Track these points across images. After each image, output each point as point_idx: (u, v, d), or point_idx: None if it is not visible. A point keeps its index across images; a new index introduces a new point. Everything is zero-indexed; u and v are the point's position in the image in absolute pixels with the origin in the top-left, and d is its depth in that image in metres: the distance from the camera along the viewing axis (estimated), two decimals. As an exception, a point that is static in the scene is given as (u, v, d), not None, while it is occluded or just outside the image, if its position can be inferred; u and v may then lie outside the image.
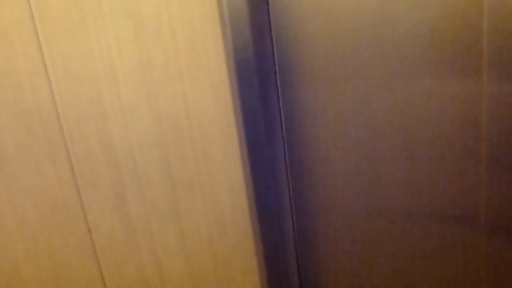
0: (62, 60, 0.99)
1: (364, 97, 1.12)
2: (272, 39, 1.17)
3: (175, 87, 1.12)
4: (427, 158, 1.10)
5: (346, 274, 1.33)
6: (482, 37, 0.96)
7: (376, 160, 1.16)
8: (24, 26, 0.95)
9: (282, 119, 1.24)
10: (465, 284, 1.18)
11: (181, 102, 1.13)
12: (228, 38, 1.12)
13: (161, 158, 1.14)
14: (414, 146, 1.11)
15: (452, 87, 1.03)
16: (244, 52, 1.12)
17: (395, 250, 1.23)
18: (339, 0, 1.07)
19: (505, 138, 1.00)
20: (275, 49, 1.18)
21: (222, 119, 1.17)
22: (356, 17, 1.06)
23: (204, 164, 1.19)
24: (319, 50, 1.13)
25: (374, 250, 1.26)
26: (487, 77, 0.98)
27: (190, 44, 1.10)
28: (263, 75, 1.18)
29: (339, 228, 1.28)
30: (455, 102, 1.04)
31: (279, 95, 1.22)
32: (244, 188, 1.24)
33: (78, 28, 0.99)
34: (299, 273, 1.41)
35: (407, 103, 1.08)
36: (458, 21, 0.97)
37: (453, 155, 1.08)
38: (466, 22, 0.97)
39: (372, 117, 1.13)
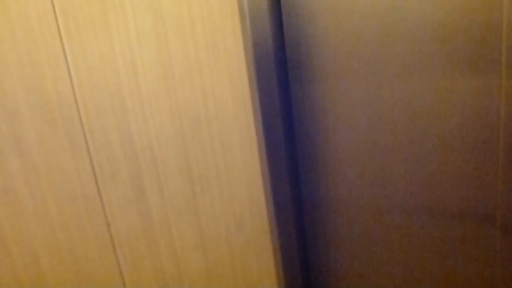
0: (82, 53, 0.99)
1: (376, 93, 1.11)
2: (283, 35, 1.17)
3: (194, 80, 1.11)
4: (442, 154, 1.10)
5: (361, 268, 1.33)
6: (501, 33, 0.95)
7: (389, 156, 1.16)
8: (45, 19, 0.94)
9: (294, 114, 1.23)
10: (480, 281, 1.17)
11: (200, 96, 1.13)
12: (247, 32, 1.11)
13: (180, 152, 1.14)
14: (428, 142, 1.10)
15: (469, 83, 1.02)
16: (263, 46, 1.12)
17: (410, 246, 1.22)
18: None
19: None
20: (286, 45, 1.17)
21: (241, 114, 1.17)
22: (367, 13, 1.06)
23: (222, 158, 1.19)
24: (329, 45, 1.13)
25: (390, 246, 1.25)
26: (506, 73, 0.97)
27: (210, 38, 1.10)
28: (282, 69, 1.17)
29: (354, 223, 1.27)
30: (471, 99, 1.03)
31: (290, 90, 1.21)
32: (262, 183, 1.23)
33: (99, 21, 0.99)
34: (315, 268, 1.41)
35: (420, 99, 1.07)
36: (476, 16, 0.96)
37: (469, 152, 1.07)
38: (484, 17, 0.96)
39: (384, 113, 1.12)
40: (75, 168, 1.03)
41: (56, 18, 0.95)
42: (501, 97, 0.99)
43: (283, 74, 1.18)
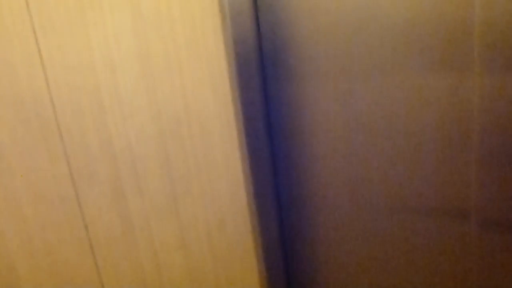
0: (58, 52, 0.97)
1: (351, 91, 1.12)
2: (260, 34, 1.16)
3: (174, 80, 1.10)
4: (417, 151, 1.11)
5: (343, 266, 1.33)
6: (474, 30, 0.96)
7: (365, 154, 1.16)
8: (19, 17, 0.92)
9: (273, 113, 1.23)
10: (456, 276, 1.19)
11: (180, 95, 1.11)
12: (228, 30, 1.10)
13: (160, 152, 1.12)
14: (403, 139, 1.11)
15: (442, 81, 1.03)
16: (244, 45, 1.11)
17: (388, 242, 1.23)
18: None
19: (496, 132, 1.01)
20: (262, 44, 1.17)
21: (222, 113, 1.15)
22: (342, 11, 1.06)
23: (203, 158, 1.17)
24: (305, 45, 1.12)
25: (369, 244, 1.26)
26: (478, 71, 0.99)
27: (190, 36, 1.08)
28: (262, 68, 1.17)
29: (334, 221, 1.28)
30: (445, 96, 1.04)
31: (268, 89, 1.21)
32: (243, 183, 1.23)
33: (76, 19, 0.97)
34: (298, 267, 1.41)
35: (394, 97, 1.08)
36: (449, 14, 0.97)
37: (443, 148, 1.08)
38: (457, 15, 0.97)
39: (359, 111, 1.13)
40: (51, 169, 1.00)
41: (30, 16, 0.92)
42: (475, 94, 1.00)
43: (263, 73, 1.18)
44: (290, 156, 1.26)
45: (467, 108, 1.02)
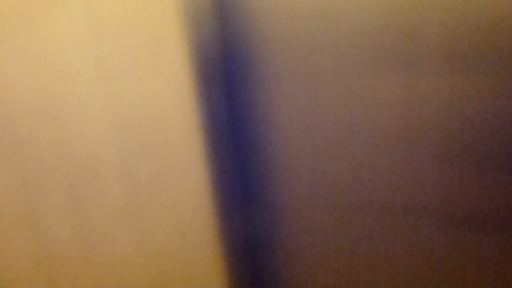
0: (11, 56, 0.92)
1: (315, 93, 1.13)
2: (223, 37, 1.15)
3: (135, 85, 1.07)
4: (378, 150, 1.13)
5: (312, 269, 1.34)
6: (430, 33, 0.99)
7: (328, 154, 1.18)
8: (-34, 17, 0.87)
9: (239, 116, 1.22)
10: (419, 272, 1.21)
11: (141, 101, 1.08)
12: (190, 33, 1.08)
13: (120, 160, 1.09)
14: (364, 139, 1.13)
15: (400, 81, 1.05)
16: (207, 48, 1.10)
17: (353, 240, 1.25)
18: (286, 2, 1.07)
19: (453, 131, 1.04)
20: (226, 47, 1.16)
21: (184, 119, 1.13)
22: (306, 15, 1.07)
23: (166, 165, 1.15)
24: (269, 48, 1.13)
25: (337, 244, 1.27)
26: (435, 72, 1.02)
27: (151, 41, 1.06)
28: (226, 72, 1.16)
29: (301, 222, 1.28)
30: (403, 96, 1.06)
31: (234, 93, 1.20)
32: (208, 189, 1.21)
33: (29, 22, 0.92)
34: (265, 272, 1.40)
35: (356, 98, 1.10)
36: (407, 17, 1.00)
37: (403, 146, 1.10)
38: (414, 18, 0.99)
39: (323, 112, 1.14)
40: (4, 178, 0.95)
41: (-21, 17, 0.87)
42: (431, 94, 1.04)
43: (227, 76, 1.17)
44: (255, 159, 1.25)
45: (426, 107, 1.05)
